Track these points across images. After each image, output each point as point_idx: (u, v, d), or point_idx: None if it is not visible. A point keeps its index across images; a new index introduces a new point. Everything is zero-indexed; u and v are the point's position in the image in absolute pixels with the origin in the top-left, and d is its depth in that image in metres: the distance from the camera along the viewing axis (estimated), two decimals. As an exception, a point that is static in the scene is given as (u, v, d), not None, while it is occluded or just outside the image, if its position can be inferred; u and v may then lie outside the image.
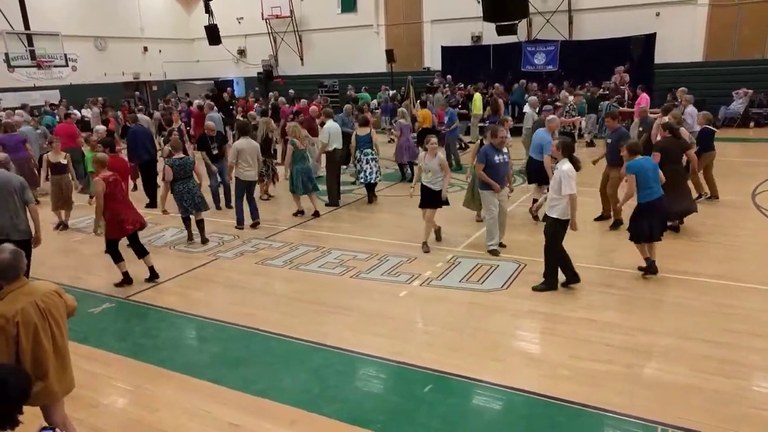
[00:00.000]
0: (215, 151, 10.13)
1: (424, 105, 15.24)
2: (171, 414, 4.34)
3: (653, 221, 6.36)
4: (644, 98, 14.40)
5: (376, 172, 10.50)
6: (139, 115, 13.31)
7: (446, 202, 7.71)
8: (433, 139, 7.68)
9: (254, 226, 9.18)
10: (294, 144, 9.43)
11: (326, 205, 10.45)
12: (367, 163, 10.36)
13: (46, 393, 3.29)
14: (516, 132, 13.54)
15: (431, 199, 7.64)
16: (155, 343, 5.62)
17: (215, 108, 15.34)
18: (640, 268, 6.59)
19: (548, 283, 6.31)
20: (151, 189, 10.88)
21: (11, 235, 5.71)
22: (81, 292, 6.80)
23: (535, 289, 6.31)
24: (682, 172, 7.95)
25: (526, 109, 13.17)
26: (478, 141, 8.15)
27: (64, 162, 9.46)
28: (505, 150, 7.48)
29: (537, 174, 8.65)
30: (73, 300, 3.57)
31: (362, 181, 10.57)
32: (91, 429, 4.15)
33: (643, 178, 6.32)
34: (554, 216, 6.09)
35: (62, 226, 9.72)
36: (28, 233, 6.01)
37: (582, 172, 6.37)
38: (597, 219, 8.70)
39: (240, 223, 9.18)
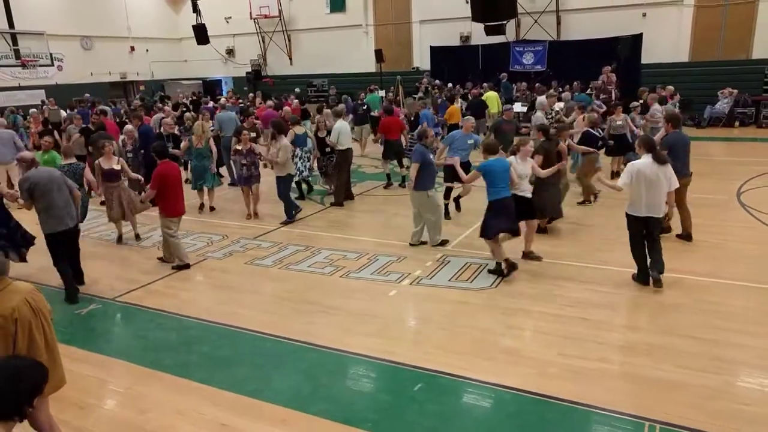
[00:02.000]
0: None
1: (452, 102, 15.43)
2: (161, 415, 4.31)
3: (500, 218, 6.59)
4: None
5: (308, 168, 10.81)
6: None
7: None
8: (527, 141, 7.07)
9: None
10: (190, 141, 10.08)
11: (331, 204, 10.54)
12: (300, 158, 10.49)
13: None
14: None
15: (527, 209, 6.93)
16: (144, 344, 5.57)
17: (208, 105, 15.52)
18: (633, 276, 6.47)
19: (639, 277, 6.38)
20: None
21: (69, 223, 6.40)
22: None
23: (634, 277, 6.41)
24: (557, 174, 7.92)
25: (518, 108, 13.18)
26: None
27: (117, 168, 8.36)
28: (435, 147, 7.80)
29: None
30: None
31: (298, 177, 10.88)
32: (79, 430, 4.11)
33: (492, 179, 6.60)
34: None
35: (121, 238, 8.78)
36: (76, 218, 6.61)
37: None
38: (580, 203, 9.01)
39: (291, 217, 9.44)
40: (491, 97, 16.74)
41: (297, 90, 21.10)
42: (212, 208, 10.38)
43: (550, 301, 6.00)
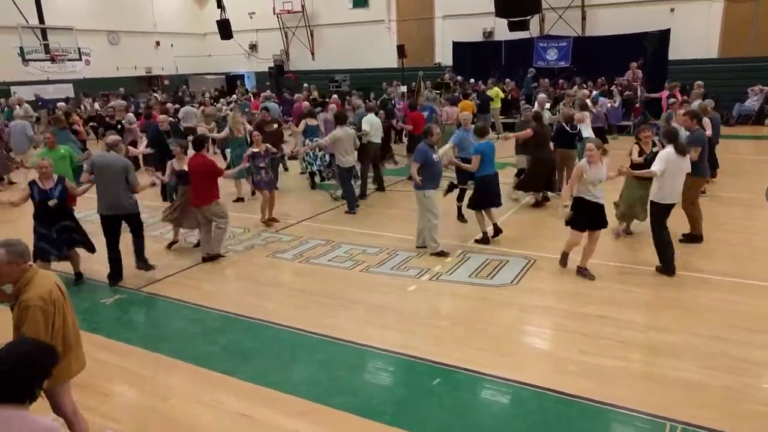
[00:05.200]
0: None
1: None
2: (183, 403, 4.40)
3: (488, 192, 7.68)
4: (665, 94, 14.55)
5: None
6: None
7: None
8: (594, 144, 6.34)
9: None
10: (231, 131, 10.70)
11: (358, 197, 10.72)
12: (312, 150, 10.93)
13: (66, 371, 3.39)
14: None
15: (600, 216, 6.40)
16: (167, 334, 5.68)
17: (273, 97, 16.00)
18: (657, 269, 6.51)
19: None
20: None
21: (118, 211, 6.65)
22: (93, 283, 6.91)
23: (658, 270, 6.47)
24: (547, 155, 9.17)
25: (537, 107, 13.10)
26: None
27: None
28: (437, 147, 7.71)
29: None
30: None
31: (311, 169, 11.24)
32: (104, 417, 4.21)
33: (483, 158, 7.52)
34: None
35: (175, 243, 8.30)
36: (135, 206, 6.82)
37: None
38: None
39: (352, 209, 9.62)
40: (496, 93, 17.35)
41: (305, 85, 21.29)
42: (242, 199, 10.71)
43: (570, 299, 5.96)
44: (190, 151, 7.72)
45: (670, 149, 6.19)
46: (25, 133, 12.06)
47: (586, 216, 6.35)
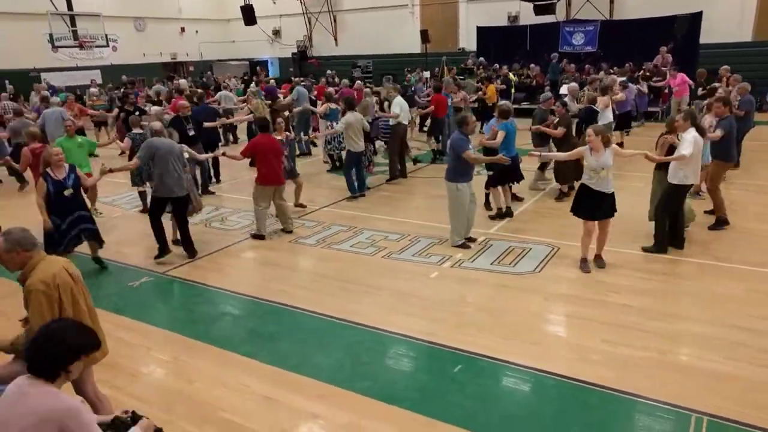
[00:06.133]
0: (191, 133, 9.63)
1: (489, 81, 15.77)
2: (208, 385, 4.48)
3: (507, 170, 7.92)
4: (681, 78, 14.23)
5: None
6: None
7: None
8: (593, 129, 6.16)
9: (361, 195, 9.81)
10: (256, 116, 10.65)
11: (387, 181, 10.93)
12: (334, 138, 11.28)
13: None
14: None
15: (605, 205, 6.21)
16: (192, 316, 5.79)
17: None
18: (644, 248, 6.78)
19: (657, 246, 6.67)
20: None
21: (177, 192, 6.89)
22: (121, 266, 7.06)
23: (644, 249, 6.72)
24: (574, 141, 9.02)
25: (564, 91, 12.90)
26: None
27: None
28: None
29: None
30: None
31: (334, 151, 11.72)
32: (132, 397, 4.31)
33: (507, 138, 7.83)
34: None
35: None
36: (186, 189, 7.08)
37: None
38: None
39: (353, 193, 9.74)
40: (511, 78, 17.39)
41: (329, 72, 21.38)
42: None
43: (593, 287, 5.91)
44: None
45: (693, 131, 6.29)
46: (62, 119, 12.08)
47: (590, 204, 6.23)
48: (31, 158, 8.32)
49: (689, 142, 6.18)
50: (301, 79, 18.98)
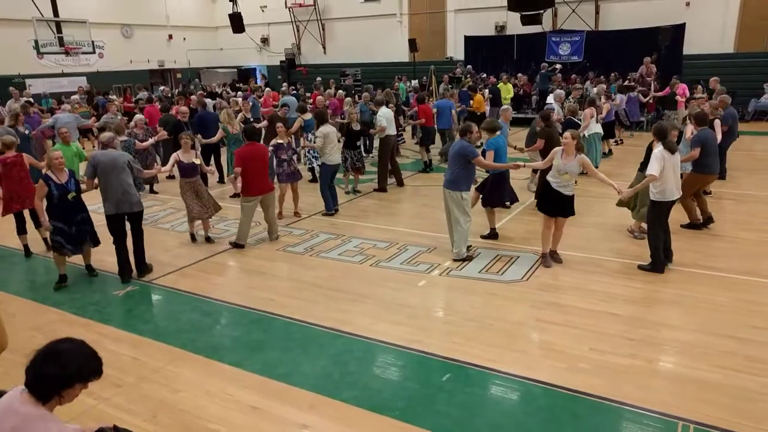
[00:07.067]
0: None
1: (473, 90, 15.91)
2: (193, 395, 4.42)
3: (499, 189, 7.83)
4: (683, 88, 14.40)
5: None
6: (208, 101, 14.09)
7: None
8: (570, 133, 6.49)
9: (335, 213, 9.37)
10: (225, 129, 10.45)
11: (374, 190, 10.83)
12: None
13: None
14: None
15: (563, 206, 6.65)
16: (177, 326, 5.71)
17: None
18: (640, 266, 6.57)
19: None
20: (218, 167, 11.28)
21: (123, 208, 6.49)
22: (105, 275, 6.96)
23: (641, 267, 6.51)
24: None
25: (550, 99, 13.00)
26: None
27: (198, 162, 7.86)
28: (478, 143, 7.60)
29: None
30: None
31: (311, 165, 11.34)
32: (116, 407, 4.24)
33: (497, 154, 7.31)
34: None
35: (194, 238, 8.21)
36: (140, 205, 6.71)
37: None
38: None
39: (329, 209, 9.31)
40: (507, 90, 17.32)
41: (318, 79, 21.38)
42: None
43: (582, 296, 5.92)
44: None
45: (660, 148, 6.26)
46: (76, 125, 11.94)
47: (550, 202, 6.62)
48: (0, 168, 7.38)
49: (656, 158, 6.17)
50: (293, 88, 19.00)
